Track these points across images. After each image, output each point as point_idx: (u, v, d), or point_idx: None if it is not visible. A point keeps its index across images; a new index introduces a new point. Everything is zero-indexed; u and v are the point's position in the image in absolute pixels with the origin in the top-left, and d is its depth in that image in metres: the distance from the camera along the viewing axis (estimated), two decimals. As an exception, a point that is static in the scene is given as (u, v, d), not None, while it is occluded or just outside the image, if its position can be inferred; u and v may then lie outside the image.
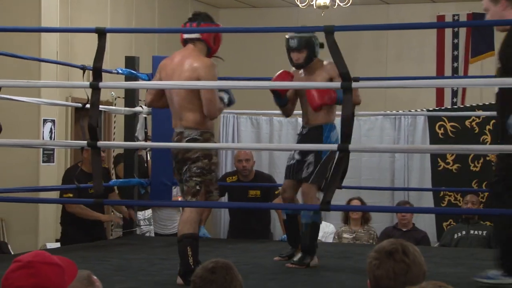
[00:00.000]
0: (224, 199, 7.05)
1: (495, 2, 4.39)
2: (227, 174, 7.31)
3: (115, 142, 7.90)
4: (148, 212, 7.16)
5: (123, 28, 9.31)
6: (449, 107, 10.26)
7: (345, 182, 5.16)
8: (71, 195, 6.07)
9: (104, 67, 4.53)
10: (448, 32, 10.95)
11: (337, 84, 4.08)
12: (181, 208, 7.61)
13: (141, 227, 7.07)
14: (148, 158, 6.87)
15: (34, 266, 1.93)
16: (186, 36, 4.59)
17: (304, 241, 5.02)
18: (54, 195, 7.35)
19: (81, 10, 8.90)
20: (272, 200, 6.78)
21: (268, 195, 6.86)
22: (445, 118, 8.20)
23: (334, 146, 4.11)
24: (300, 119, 5.85)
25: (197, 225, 4.47)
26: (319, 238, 7.84)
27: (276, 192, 6.77)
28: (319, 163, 4.94)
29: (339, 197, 5.98)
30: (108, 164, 7.24)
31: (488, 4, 4.44)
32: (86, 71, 5.90)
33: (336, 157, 4.60)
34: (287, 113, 5.36)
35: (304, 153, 4.99)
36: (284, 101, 5.16)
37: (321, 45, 4.63)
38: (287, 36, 5.05)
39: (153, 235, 7.15)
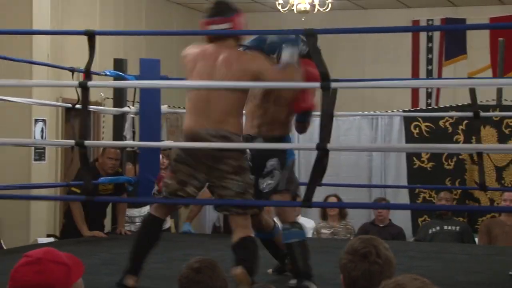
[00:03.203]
0: None
1: None
2: None
3: (103, 141, 7.86)
4: (145, 209, 7.04)
5: (111, 30, 9.26)
6: (423, 107, 10.33)
7: (324, 179, 5.14)
8: (78, 191, 5.92)
9: (93, 69, 4.50)
10: (423, 36, 11.02)
11: (316, 84, 4.02)
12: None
13: (136, 223, 6.99)
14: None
15: (42, 263, 1.93)
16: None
17: (296, 264, 4.22)
18: (45, 192, 7.32)
19: (71, 14, 8.86)
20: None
21: None
22: (420, 119, 8.23)
23: (313, 145, 4.06)
24: None
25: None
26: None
27: None
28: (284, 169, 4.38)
29: (318, 194, 5.96)
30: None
31: None
32: (75, 73, 5.88)
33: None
34: None
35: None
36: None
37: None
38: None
39: None
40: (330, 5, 9.35)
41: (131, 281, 4.03)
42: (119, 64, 6.82)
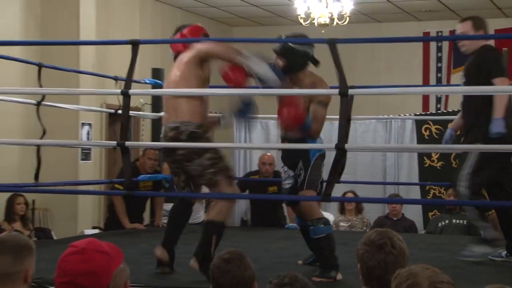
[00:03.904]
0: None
1: (476, 30, 4.48)
2: (250, 173, 7.37)
3: (142, 142, 7.90)
4: None
5: (154, 39, 9.29)
6: (433, 112, 10.25)
7: (343, 177, 5.11)
8: (121, 187, 5.92)
9: (133, 77, 4.51)
10: (433, 46, 10.94)
11: (335, 90, 4.00)
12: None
13: None
14: None
15: (87, 253, 1.95)
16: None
17: (321, 257, 4.18)
18: (92, 188, 7.37)
19: (114, 26, 8.90)
20: None
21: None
22: (430, 122, 8.18)
23: (332, 146, 4.03)
24: None
25: (228, 215, 4.08)
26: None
27: None
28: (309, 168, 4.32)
29: (337, 191, 5.91)
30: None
31: (468, 30, 4.53)
32: (118, 81, 5.91)
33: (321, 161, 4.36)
34: None
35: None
36: None
37: (314, 61, 4.35)
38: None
39: None
40: (347, 18, 9.31)
41: (158, 251, 4.22)
42: (157, 73, 6.84)
